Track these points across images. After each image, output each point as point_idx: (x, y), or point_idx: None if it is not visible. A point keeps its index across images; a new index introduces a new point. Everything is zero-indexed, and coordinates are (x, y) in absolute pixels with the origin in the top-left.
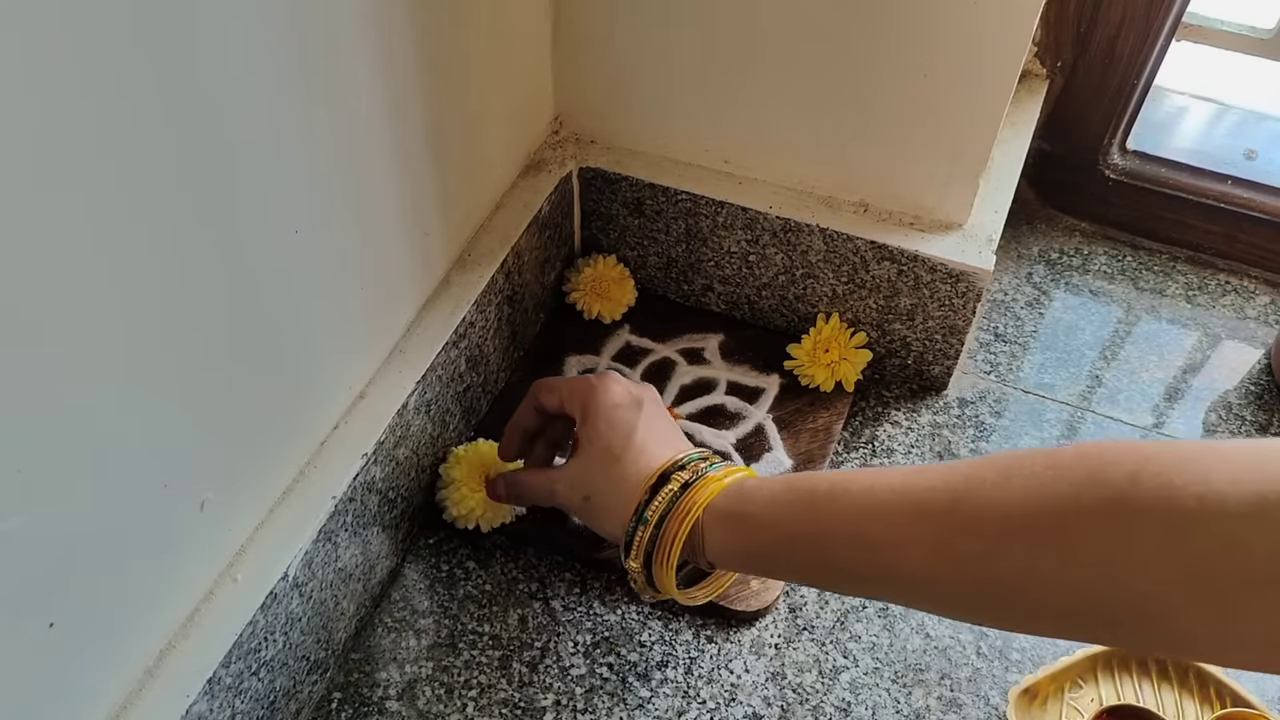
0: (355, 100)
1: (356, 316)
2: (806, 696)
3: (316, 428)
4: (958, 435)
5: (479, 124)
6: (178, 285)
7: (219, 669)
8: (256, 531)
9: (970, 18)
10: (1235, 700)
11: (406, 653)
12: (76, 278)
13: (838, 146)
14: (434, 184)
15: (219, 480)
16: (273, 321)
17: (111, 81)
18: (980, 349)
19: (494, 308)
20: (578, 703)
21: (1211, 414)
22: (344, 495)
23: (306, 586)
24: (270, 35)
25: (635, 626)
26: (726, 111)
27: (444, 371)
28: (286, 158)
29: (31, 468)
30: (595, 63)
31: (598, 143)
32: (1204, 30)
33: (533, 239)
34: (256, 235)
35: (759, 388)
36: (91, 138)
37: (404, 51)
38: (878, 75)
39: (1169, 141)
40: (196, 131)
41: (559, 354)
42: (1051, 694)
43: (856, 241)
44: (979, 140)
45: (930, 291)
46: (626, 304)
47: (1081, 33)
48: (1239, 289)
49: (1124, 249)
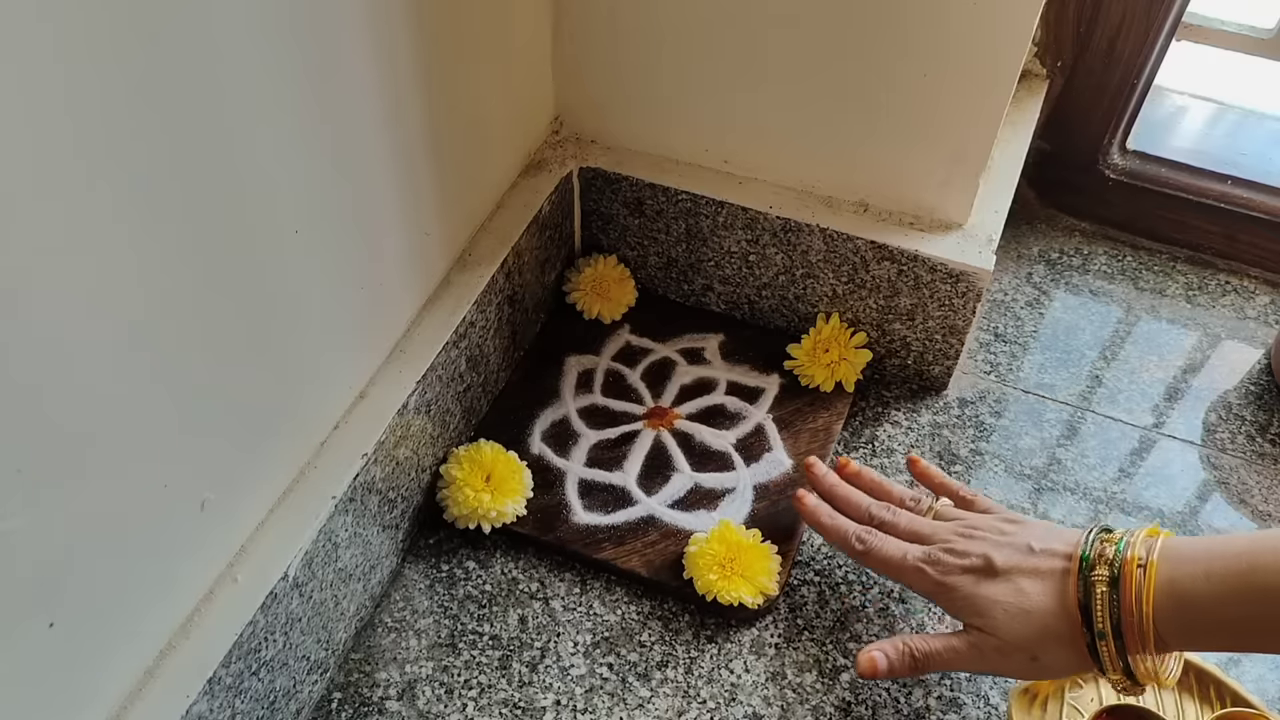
0: (355, 100)
1: (356, 316)
2: (806, 696)
3: (316, 428)
4: (958, 435)
5: (479, 124)
6: (177, 285)
7: (219, 669)
8: (256, 531)
9: (970, 18)
10: (1235, 700)
11: (406, 653)
12: (76, 278)
13: (838, 146)
14: (434, 184)
15: (219, 480)
16: (273, 321)
17: (112, 82)
18: (980, 349)
19: (494, 308)
20: (578, 703)
21: (1211, 414)
22: (344, 495)
23: (306, 586)
24: (270, 35)
25: (635, 626)
26: (727, 111)
27: (444, 371)
28: (286, 157)
29: (31, 468)
30: (595, 63)
31: (598, 143)
32: (1204, 30)
33: (533, 239)
34: (256, 235)
35: (759, 388)
36: (91, 137)
37: (404, 52)
38: (878, 75)
39: (1169, 141)
40: (196, 131)
41: (559, 354)
42: (1051, 694)
43: (856, 241)
44: (979, 140)
45: (930, 291)
46: (626, 304)
47: (1081, 33)
48: (1239, 289)
49: (1124, 249)
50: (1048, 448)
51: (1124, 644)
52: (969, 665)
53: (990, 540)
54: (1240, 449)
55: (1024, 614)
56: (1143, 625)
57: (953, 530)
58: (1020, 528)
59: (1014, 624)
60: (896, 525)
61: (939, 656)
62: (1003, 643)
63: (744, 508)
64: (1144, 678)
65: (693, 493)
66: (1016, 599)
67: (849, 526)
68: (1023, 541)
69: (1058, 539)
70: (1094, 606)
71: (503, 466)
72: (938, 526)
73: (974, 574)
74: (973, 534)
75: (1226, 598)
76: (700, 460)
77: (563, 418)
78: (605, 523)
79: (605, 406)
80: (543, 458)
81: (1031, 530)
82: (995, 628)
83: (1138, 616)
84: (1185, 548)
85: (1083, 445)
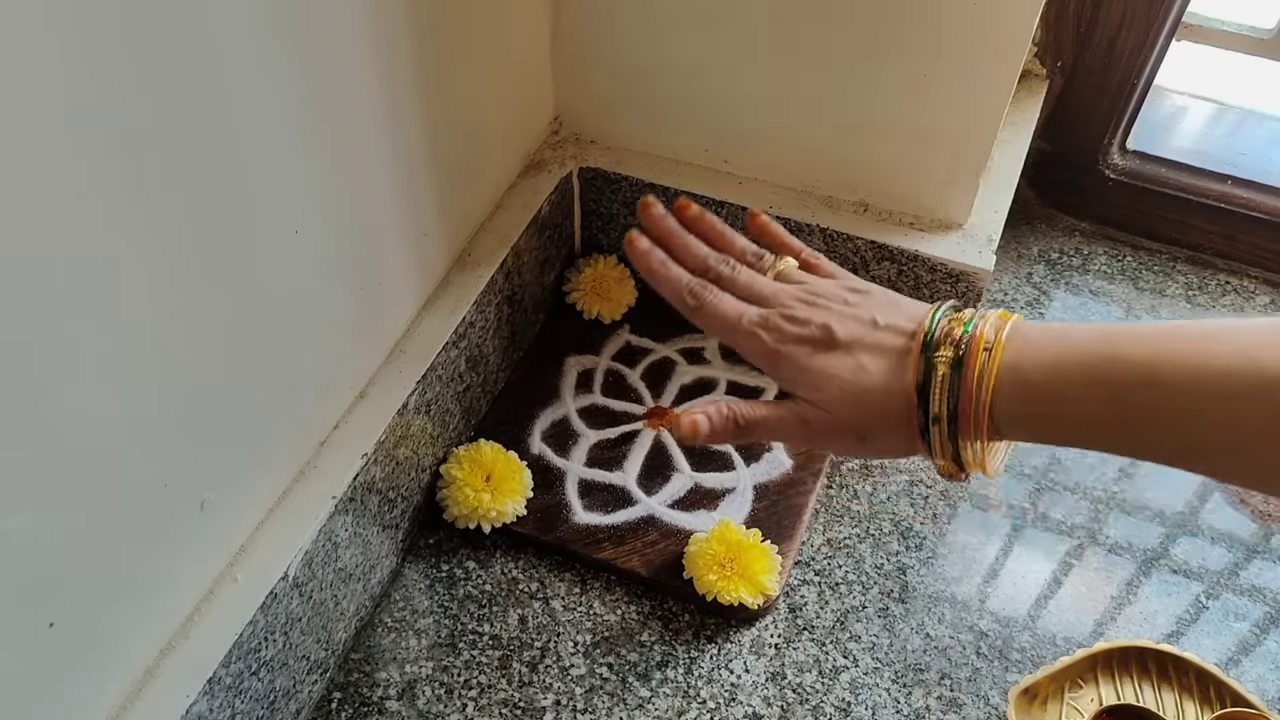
0: (355, 101)
1: (356, 316)
2: (806, 696)
3: (316, 428)
4: None
5: (479, 124)
6: (177, 285)
7: (219, 669)
8: (256, 531)
9: (970, 18)
10: (1235, 700)
11: (406, 653)
12: (76, 278)
13: (838, 147)
14: (433, 184)
15: (219, 480)
16: (273, 321)
17: (111, 83)
18: None
19: (494, 308)
20: (578, 703)
21: None
22: (344, 495)
23: (306, 586)
24: (270, 35)
25: (635, 626)
26: (726, 111)
27: (444, 371)
28: (286, 158)
29: (31, 468)
30: (595, 63)
31: (598, 143)
32: (1204, 30)
33: (533, 239)
34: (256, 235)
35: (759, 387)
36: (92, 138)
37: (403, 52)
38: (878, 75)
39: (1169, 141)
40: (196, 132)
41: (559, 354)
42: (1051, 694)
43: (856, 241)
44: (979, 140)
45: (930, 291)
46: (626, 304)
47: (1081, 32)
48: (1239, 289)
49: (1124, 249)
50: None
51: (956, 429)
52: (793, 437)
53: (833, 311)
54: None
55: (861, 391)
56: (979, 411)
57: (794, 295)
58: (865, 298)
59: (847, 401)
60: (735, 282)
61: (764, 423)
62: (833, 419)
63: (744, 508)
64: (970, 465)
65: (693, 493)
66: (854, 375)
67: (683, 277)
68: (867, 314)
69: (903, 314)
70: (932, 389)
71: (503, 466)
72: (779, 289)
73: (811, 344)
74: (815, 300)
75: (1075, 389)
76: (700, 460)
77: (563, 418)
78: (605, 523)
79: (605, 406)
80: (543, 457)
81: (876, 302)
82: (828, 403)
83: (975, 401)
84: (1038, 333)
85: None
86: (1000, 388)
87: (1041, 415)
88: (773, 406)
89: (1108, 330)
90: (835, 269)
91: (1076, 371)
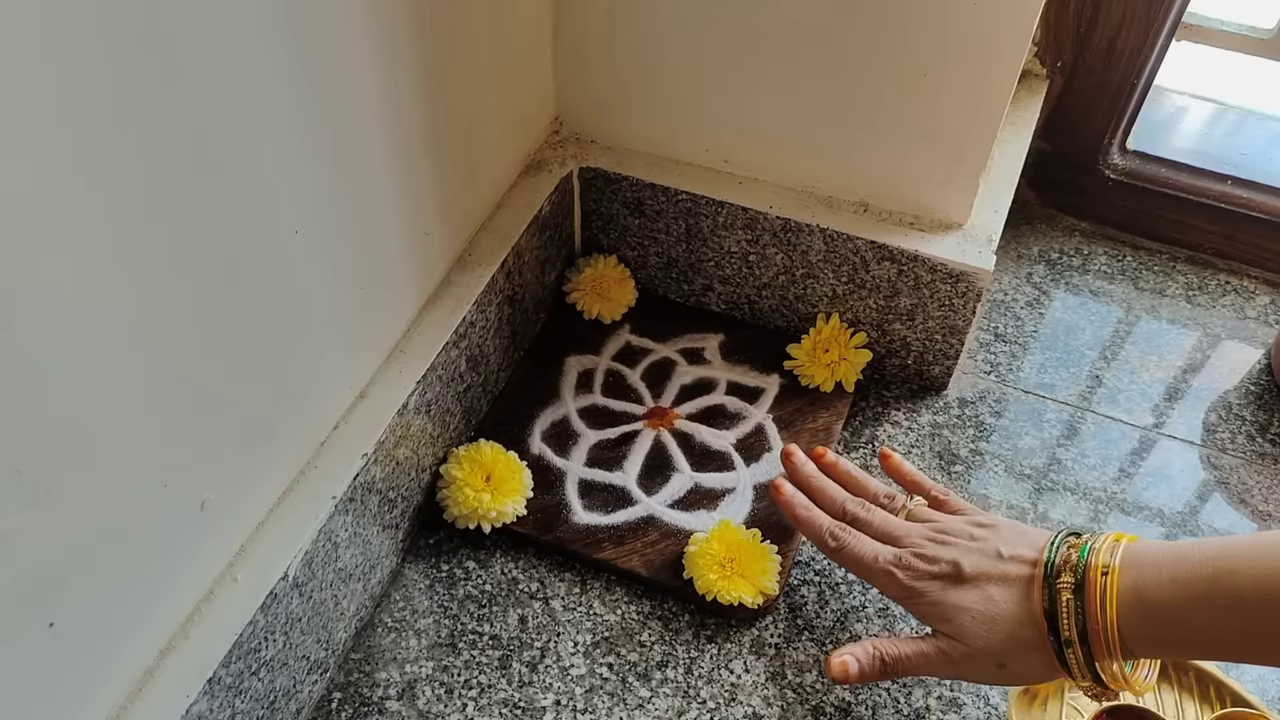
0: (355, 101)
1: (356, 316)
2: (806, 696)
3: (316, 428)
4: (958, 435)
5: (479, 124)
6: (177, 285)
7: (219, 669)
8: (256, 531)
9: (970, 18)
10: (1235, 700)
11: (406, 653)
12: (76, 278)
13: (838, 146)
14: (434, 184)
15: (219, 480)
16: (273, 321)
17: (111, 83)
18: (980, 349)
19: (494, 308)
20: (578, 703)
21: (1211, 414)
22: (344, 495)
23: (306, 586)
24: (271, 35)
25: (635, 626)
26: (726, 111)
27: (444, 371)
28: (286, 158)
29: (31, 468)
30: (595, 63)
31: (598, 143)
32: (1204, 30)
33: (533, 239)
34: (256, 235)
35: (759, 388)
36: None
37: (404, 52)
38: (878, 75)
39: (1169, 141)
40: (196, 132)
41: (559, 354)
42: (1051, 694)
43: (856, 241)
44: (979, 140)
45: (930, 291)
46: (626, 304)
47: (1081, 33)
48: (1239, 289)
49: (1124, 249)
50: (1048, 448)
51: (1090, 651)
52: (938, 670)
53: (960, 546)
54: (1240, 449)
55: (991, 621)
56: (1108, 632)
57: (924, 534)
58: (991, 532)
59: (981, 631)
60: (870, 523)
61: (908, 661)
62: (971, 649)
63: (744, 508)
64: (1113, 683)
65: (693, 493)
66: (984, 606)
67: (824, 521)
68: (992, 547)
69: (1026, 544)
70: (1059, 614)
71: (503, 466)
72: (910, 528)
73: (942, 580)
74: (943, 539)
75: (1192, 605)
76: (700, 460)
77: (563, 418)
78: (605, 523)
79: (605, 406)
80: (543, 458)
81: (1001, 535)
82: (963, 634)
83: (1102, 624)
84: (1150, 553)
85: (1083, 445)
86: (1123, 610)
87: (1167, 634)
88: (915, 642)
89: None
90: (963, 504)
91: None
